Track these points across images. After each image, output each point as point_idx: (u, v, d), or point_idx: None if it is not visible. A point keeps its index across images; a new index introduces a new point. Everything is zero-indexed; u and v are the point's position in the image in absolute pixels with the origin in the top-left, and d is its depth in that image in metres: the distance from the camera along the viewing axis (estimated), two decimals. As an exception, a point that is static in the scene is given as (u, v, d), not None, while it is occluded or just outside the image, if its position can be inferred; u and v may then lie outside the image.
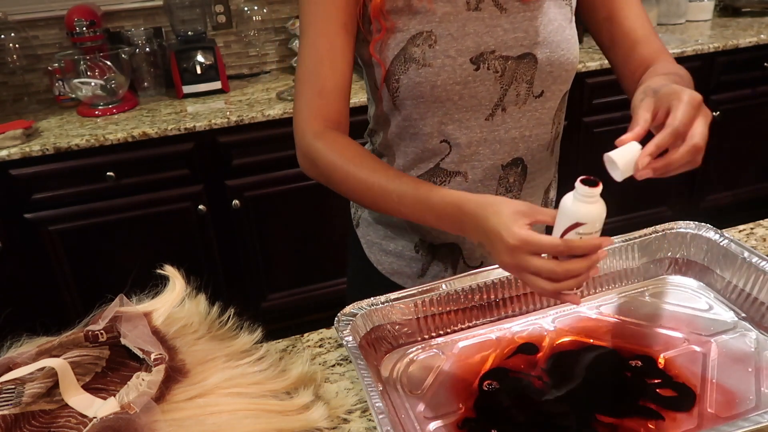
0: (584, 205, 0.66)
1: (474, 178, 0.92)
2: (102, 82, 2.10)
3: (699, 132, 0.68)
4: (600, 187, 0.66)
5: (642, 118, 0.70)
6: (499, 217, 0.69)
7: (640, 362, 0.74)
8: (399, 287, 0.99)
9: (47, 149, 1.87)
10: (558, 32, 0.89)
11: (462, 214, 0.75)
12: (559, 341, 0.79)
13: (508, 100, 0.89)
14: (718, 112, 2.53)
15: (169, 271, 0.79)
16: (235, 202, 2.09)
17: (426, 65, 0.85)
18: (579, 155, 2.43)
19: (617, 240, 0.88)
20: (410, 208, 0.81)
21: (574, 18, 0.93)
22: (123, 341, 0.73)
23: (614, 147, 0.69)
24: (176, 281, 0.79)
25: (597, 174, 0.67)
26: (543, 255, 0.67)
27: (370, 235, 1.04)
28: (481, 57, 0.86)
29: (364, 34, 0.89)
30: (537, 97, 0.91)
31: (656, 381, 0.71)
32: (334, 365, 0.78)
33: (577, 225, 0.66)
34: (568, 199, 0.66)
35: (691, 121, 0.68)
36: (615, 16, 0.94)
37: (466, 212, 0.74)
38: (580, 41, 2.53)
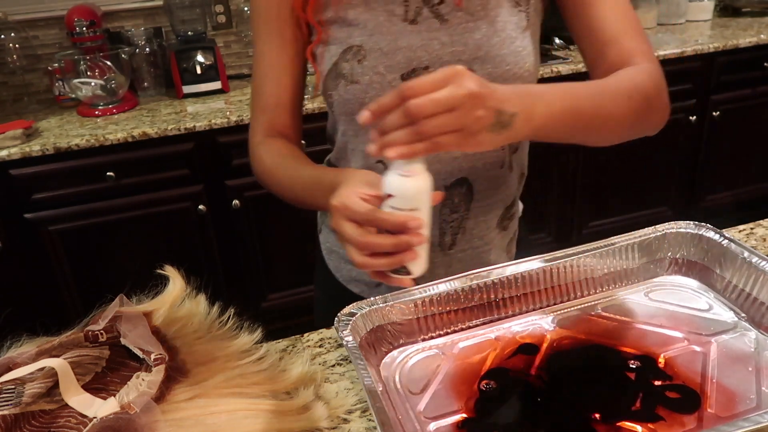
0: (396, 176, 0.62)
1: None
2: (102, 82, 2.10)
3: (417, 81, 0.59)
4: (418, 163, 0.62)
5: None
6: (343, 184, 0.68)
7: (638, 362, 0.74)
8: (356, 296, 0.96)
9: (47, 149, 1.87)
10: (504, 44, 0.81)
11: (331, 187, 0.71)
12: (559, 341, 0.79)
13: None
14: (718, 112, 2.53)
15: (169, 271, 0.79)
16: (235, 202, 2.09)
17: (354, 82, 0.82)
18: (579, 155, 2.43)
19: (617, 240, 0.88)
20: (308, 192, 0.81)
21: (532, 24, 0.85)
22: (123, 341, 0.73)
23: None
24: (176, 281, 0.79)
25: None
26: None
27: (330, 242, 1.02)
28: (413, 73, 0.81)
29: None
30: None
31: (662, 383, 0.71)
32: (334, 365, 0.78)
33: (388, 197, 0.63)
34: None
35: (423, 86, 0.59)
36: (584, 10, 0.83)
37: (332, 185, 0.71)
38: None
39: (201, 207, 2.07)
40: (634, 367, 0.73)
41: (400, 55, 0.81)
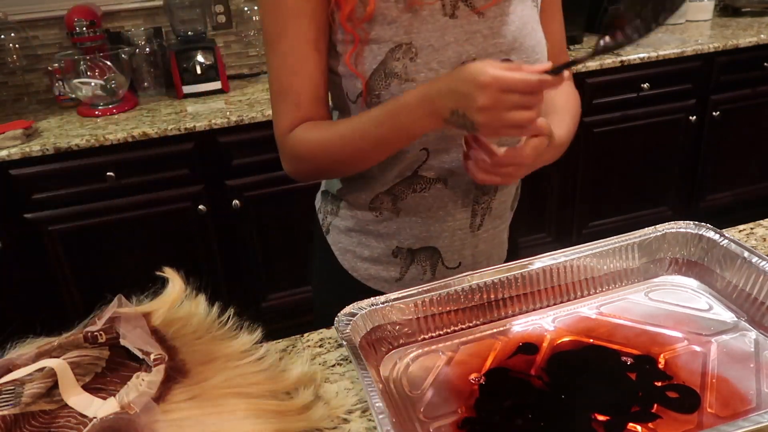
0: None
1: (453, 184, 0.91)
2: (102, 82, 2.10)
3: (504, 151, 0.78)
4: None
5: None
6: (469, 67, 0.71)
7: (638, 362, 0.74)
8: (376, 292, 0.95)
9: (47, 149, 1.87)
10: (531, 35, 0.88)
11: (433, 89, 0.75)
12: (559, 341, 0.79)
13: None
14: (718, 112, 2.53)
15: (168, 272, 0.79)
16: (235, 202, 2.09)
17: (409, 80, 0.83)
18: (579, 155, 2.43)
19: (617, 240, 0.88)
20: (387, 125, 0.80)
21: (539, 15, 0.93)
22: (122, 342, 0.73)
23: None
24: (175, 282, 0.79)
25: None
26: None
27: (342, 242, 1.01)
28: None
29: (335, 44, 0.86)
30: None
31: (662, 383, 0.71)
32: (334, 365, 0.78)
33: None
34: None
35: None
36: (544, 22, 0.93)
37: (437, 85, 0.75)
38: (580, 41, 2.54)
39: (201, 207, 2.06)
40: (633, 366, 0.73)
41: (450, 49, 0.83)
